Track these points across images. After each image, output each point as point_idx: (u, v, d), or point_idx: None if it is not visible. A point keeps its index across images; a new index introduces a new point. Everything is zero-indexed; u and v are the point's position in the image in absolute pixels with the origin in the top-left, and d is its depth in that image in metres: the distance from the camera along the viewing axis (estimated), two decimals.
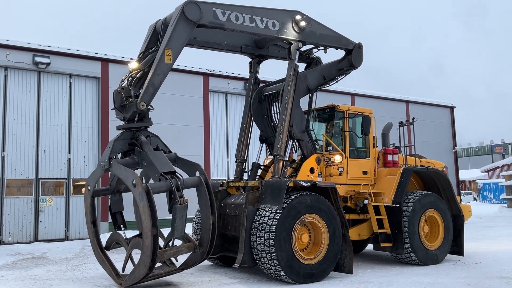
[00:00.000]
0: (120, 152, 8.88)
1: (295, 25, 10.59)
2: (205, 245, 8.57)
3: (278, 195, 9.18)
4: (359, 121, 11.88)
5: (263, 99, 11.89)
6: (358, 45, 11.86)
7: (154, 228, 7.63)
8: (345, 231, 9.97)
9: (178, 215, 7.89)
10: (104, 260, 8.85)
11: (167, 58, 8.76)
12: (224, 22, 9.61)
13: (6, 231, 17.13)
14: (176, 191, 7.89)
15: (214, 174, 21.95)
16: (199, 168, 8.71)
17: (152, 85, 8.64)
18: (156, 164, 8.16)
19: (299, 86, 11.00)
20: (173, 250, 8.44)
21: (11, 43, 17.74)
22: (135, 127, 8.87)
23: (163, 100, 20.41)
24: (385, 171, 12.10)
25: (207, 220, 8.49)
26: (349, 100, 26.50)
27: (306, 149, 11.02)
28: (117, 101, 8.89)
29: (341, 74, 12.05)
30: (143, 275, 7.92)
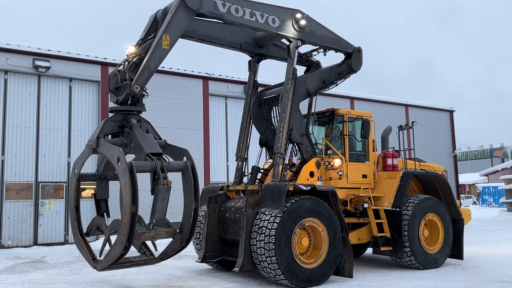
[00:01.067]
0: (109, 134, 8.75)
1: (295, 23, 10.60)
2: (185, 231, 8.38)
3: (278, 199, 9.18)
4: (359, 125, 11.90)
5: (262, 103, 11.89)
6: (357, 49, 11.88)
7: (134, 205, 7.44)
8: (345, 235, 9.97)
9: (160, 196, 7.74)
10: (83, 244, 8.62)
11: (164, 44, 8.73)
12: (224, 13, 9.61)
13: (6, 235, 17.10)
14: (160, 172, 7.75)
15: (213, 178, 21.94)
16: (187, 154, 8.58)
17: (148, 69, 8.57)
18: (143, 145, 8.04)
19: (299, 90, 11.01)
20: (152, 233, 8.30)
21: (11, 47, 17.76)
22: (127, 110, 8.77)
23: (163, 104, 20.51)
24: (384, 174, 12.11)
25: (189, 205, 8.34)
26: (348, 103, 26.53)
27: (306, 153, 11.03)
28: (112, 83, 8.80)
29: (341, 78, 12.07)
30: (119, 254, 7.64)
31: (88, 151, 8.51)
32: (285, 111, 10.40)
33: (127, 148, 8.47)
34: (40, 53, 18.24)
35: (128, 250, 7.69)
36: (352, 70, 11.89)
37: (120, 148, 7.78)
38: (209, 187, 11.87)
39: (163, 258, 8.68)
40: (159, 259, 8.63)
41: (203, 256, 10.52)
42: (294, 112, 10.73)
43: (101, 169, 8.98)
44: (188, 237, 8.42)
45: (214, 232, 10.64)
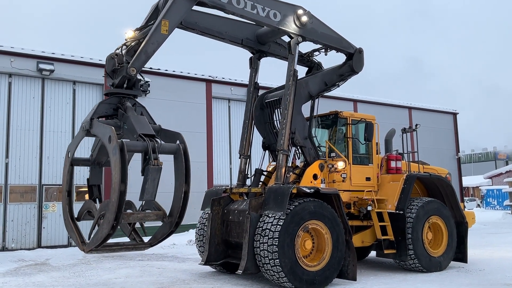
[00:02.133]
0: (104, 116, 8.64)
1: (296, 20, 10.56)
2: (175, 214, 8.27)
3: (282, 201, 9.18)
4: (362, 127, 11.89)
5: (264, 106, 11.88)
6: (358, 49, 11.85)
7: (123, 184, 7.32)
8: (349, 237, 9.95)
9: (150, 177, 7.63)
10: (73, 228, 8.53)
11: (163, 29, 8.70)
12: (225, 3, 9.57)
13: (10, 237, 17.15)
14: (151, 153, 7.64)
15: (217, 181, 21.96)
16: (180, 137, 8.50)
17: (145, 53, 8.51)
18: (136, 126, 7.97)
19: (301, 92, 10.99)
20: (141, 214, 8.14)
21: (15, 50, 17.86)
22: (123, 93, 8.67)
23: (167, 106, 20.56)
24: (388, 177, 12.09)
25: (179, 188, 8.24)
26: (351, 106, 26.54)
27: (309, 156, 11.02)
28: (109, 66, 8.71)
29: (342, 80, 12.06)
30: (106, 234, 7.49)
31: (82, 133, 8.40)
32: (287, 108, 10.34)
33: (120, 130, 8.39)
34: (44, 56, 18.32)
35: (115, 230, 7.56)
36: (353, 71, 11.86)
37: (112, 127, 7.67)
38: (212, 190, 11.88)
39: (153, 244, 8.57)
40: (149, 245, 8.52)
41: (206, 259, 10.52)
42: (296, 115, 10.72)
43: (95, 154, 8.89)
44: (177, 220, 8.30)
45: (218, 234, 10.64)
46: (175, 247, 17.54)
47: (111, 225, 7.38)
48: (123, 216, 7.53)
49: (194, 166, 22.75)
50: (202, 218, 11.49)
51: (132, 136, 8.03)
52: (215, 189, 11.82)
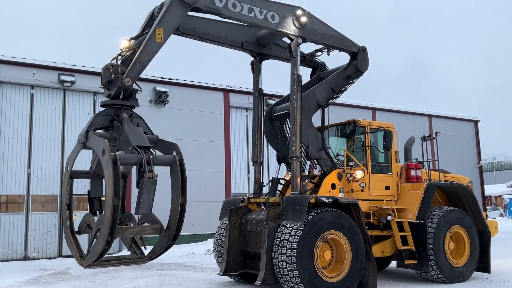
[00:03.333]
0: (100, 128, 8.56)
1: (295, 21, 10.34)
2: (172, 227, 8.07)
3: (299, 211, 9.12)
4: (381, 136, 11.77)
5: (274, 119, 11.73)
6: (362, 48, 11.55)
7: (116, 198, 7.23)
8: (368, 248, 9.83)
9: (145, 190, 7.48)
10: (72, 242, 8.46)
11: (157, 37, 8.54)
12: (221, 8, 9.41)
13: (31, 247, 17.41)
14: (146, 165, 7.49)
15: (235, 190, 21.98)
16: (176, 148, 8.30)
17: (140, 62, 8.37)
18: (131, 138, 7.83)
19: (309, 104, 10.84)
20: (137, 228, 8.04)
21: (37, 63, 18.26)
22: (119, 104, 8.53)
23: (185, 116, 20.73)
24: (408, 186, 11.93)
25: (176, 201, 8.06)
26: (370, 114, 26.35)
27: (325, 166, 10.92)
28: (104, 77, 8.59)
29: (349, 83, 11.77)
30: (101, 249, 7.42)
31: (79, 145, 8.33)
32: (295, 113, 10.21)
33: (116, 142, 8.28)
34: (65, 68, 18.69)
35: (111, 245, 7.46)
36: (359, 71, 11.55)
37: (106, 140, 7.57)
38: (230, 200, 11.88)
39: (152, 257, 8.39)
40: (148, 258, 8.37)
41: (224, 269, 10.49)
42: (307, 127, 10.57)
43: (94, 166, 8.77)
44: (174, 234, 8.10)
45: (236, 244, 10.61)
46: (193, 256, 17.56)
47: (106, 241, 7.29)
48: (118, 231, 7.42)
49: (212, 176, 23.06)
50: (220, 228, 11.47)
51: (127, 148, 7.91)
52: (232, 198, 11.81)
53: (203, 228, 20.22)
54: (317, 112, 11.43)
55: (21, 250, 17.30)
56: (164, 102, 20.31)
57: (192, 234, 20.01)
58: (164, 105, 20.38)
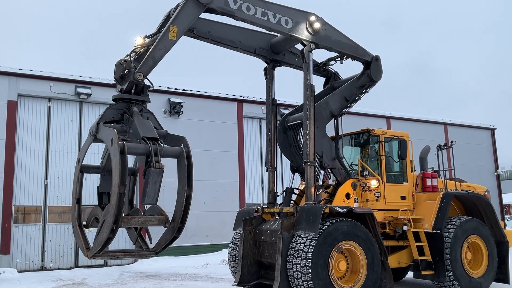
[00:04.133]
0: (111, 121, 8.60)
1: (309, 26, 10.37)
2: (177, 219, 8.03)
3: (314, 221, 9.08)
4: (395, 145, 11.71)
5: (287, 129, 11.71)
6: (375, 57, 11.51)
7: (122, 186, 7.25)
8: (384, 258, 9.73)
9: (151, 180, 7.51)
10: (79, 234, 8.49)
11: (171, 35, 8.67)
12: (235, 10, 9.43)
13: (48, 257, 17.59)
14: (153, 155, 7.53)
15: (249, 200, 21.97)
16: (184, 141, 8.32)
17: (152, 58, 8.48)
18: (139, 129, 7.89)
19: (322, 114, 10.83)
20: (142, 218, 8.04)
21: (54, 75, 18.59)
22: (131, 99, 8.62)
23: (199, 127, 20.86)
24: (424, 196, 11.82)
25: (182, 192, 8.05)
26: (384, 123, 26.21)
27: (339, 176, 10.88)
28: (117, 72, 8.67)
29: (363, 92, 11.69)
30: (106, 238, 7.39)
31: (89, 138, 8.46)
32: (308, 118, 10.18)
33: (126, 134, 8.33)
34: (81, 81, 18.99)
35: (115, 233, 7.45)
36: (372, 81, 11.49)
37: (115, 130, 7.66)
38: (244, 210, 11.88)
39: (157, 251, 8.35)
40: (153, 252, 8.35)
41: (239, 280, 10.46)
42: (321, 137, 10.55)
43: (105, 161, 8.82)
44: (179, 226, 8.05)
45: (250, 255, 10.59)
46: (208, 266, 17.56)
47: (111, 229, 7.27)
48: (123, 220, 7.42)
49: (226, 186, 23.02)
50: (234, 238, 11.48)
51: (136, 139, 7.96)
52: (247, 208, 11.81)
53: (218, 238, 20.23)
54: (331, 122, 11.42)
55: (38, 261, 17.49)
56: (178, 113, 20.48)
57: (206, 245, 20.04)
58: (178, 116, 20.55)
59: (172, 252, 19.16)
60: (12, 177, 17.32)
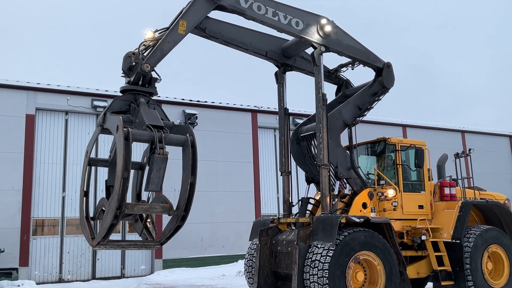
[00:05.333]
0: (118, 111, 8.59)
1: (320, 29, 10.34)
2: (181, 207, 7.96)
3: (330, 231, 9.00)
4: (412, 153, 11.58)
5: (300, 139, 11.62)
6: (387, 64, 11.37)
7: (126, 171, 7.22)
8: (403, 269, 9.59)
9: (155, 166, 7.47)
10: (86, 226, 8.44)
11: (180, 29, 8.76)
12: (246, 9, 9.48)
13: (66, 269, 17.72)
14: (158, 142, 7.52)
15: (264, 210, 21.90)
16: (190, 130, 8.33)
17: (160, 50, 8.56)
18: (145, 118, 7.92)
19: (335, 124, 10.70)
20: (146, 205, 8.02)
21: (71, 89, 18.89)
22: (138, 90, 8.65)
23: (213, 137, 20.94)
24: (442, 205, 11.64)
25: (186, 180, 7.99)
26: (401, 131, 25.99)
27: (355, 185, 10.76)
28: (125, 64, 8.70)
29: (376, 100, 11.54)
30: (109, 223, 7.34)
31: (97, 129, 8.49)
32: (321, 121, 10.09)
33: (132, 124, 8.34)
34: (98, 94, 19.24)
35: (119, 220, 7.40)
36: (384, 88, 11.33)
37: (121, 117, 7.68)
38: (260, 220, 11.83)
39: (162, 241, 8.24)
40: (158, 242, 8.24)
41: None
42: (335, 147, 10.44)
43: (113, 154, 8.75)
44: (183, 214, 7.99)
45: (266, 265, 10.53)
46: (224, 278, 17.50)
47: (114, 214, 7.20)
48: (127, 206, 7.37)
49: (242, 196, 22.98)
50: (250, 249, 11.42)
51: (142, 128, 7.96)
52: (262, 219, 11.77)
53: (234, 249, 20.16)
54: (345, 131, 11.35)
55: (56, 273, 17.63)
56: (193, 124, 20.59)
57: (222, 256, 19.99)
58: (194, 127, 20.65)
59: (189, 263, 19.18)
60: (30, 190, 17.57)
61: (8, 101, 17.72)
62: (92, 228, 8.45)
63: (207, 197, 20.12)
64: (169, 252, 18.78)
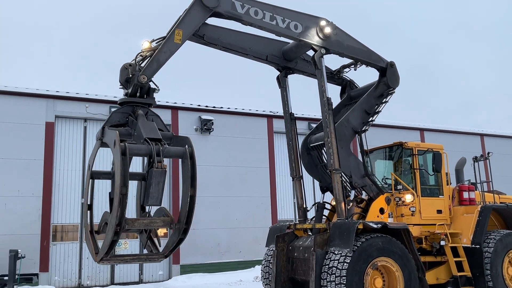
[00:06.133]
0: (117, 125, 8.53)
1: (319, 31, 10.17)
2: (182, 220, 7.86)
3: (347, 237, 8.95)
4: (430, 157, 11.49)
5: (310, 149, 11.49)
6: (390, 63, 11.11)
7: (124, 187, 7.22)
8: (421, 275, 9.49)
9: (154, 180, 7.41)
10: (90, 240, 8.39)
11: (176, 38, 8.67)
12: (242, 14, 9.35)
13: (85, 275, 17.92)
14: (155, 156, 7.42)
15: (281, 215, 21.86)
16: (188, 141, 8.17)
17: (157, 61, 8.47)
18: (143, 131, 7.82)
19: (345, 132, 10.54)
20: (147, 220, 7.95)
21: (90, 97, 19.17)
22: (136, 102, 8.55)
23: (230, 143, 21.01)
24: (461, 209, 11.50)
25: (186, 192, 7.91)
26: (418, 135, 25.73)
27: (371, 192, 10.65)
28: (122, 76, 8.64)
29: (382, 102, 11.24)
30: (110, 240, 7.33)
31: (97, 143, 8.44)
32: (328, 125, 9.95)
33: (131, 137, 8.25)
34: (116, 101, 19.38)
35: (119, 236, 7.37)
36: (390, 88, 11.08)
37: (117, 131, 7.63)
38: (276, 226, 11.83)
39: (166, 254, 8.17)
40: (163, 255, 8.16)
41: None
42: (347, 156, 10.30)
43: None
44: (185, 227, 7.83)
45: (283, 272, 10.50)
46: (241, 283, 17.49)
47: (114, 231, 7.20)
48: (127, 222, 7.34)
49: (258, 202, 22.91)
50: (267, 255, 11.41)
51: (140, 141, 7.90)
52: (279, 225, 11.75)
53: (250, 255, 20.15)
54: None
55: (76, 278, 17.84)
56: (209, 130, 20.70)
57: (239, 261, 19.99)
58: (209, 133, 20.76)
59: (206, 268, 19.22)
60: (50, 196, 17.82)
61: (28, 109, 18.04)
62: (96, 242, 8.38)
63: (223, 202, 20.18)
64: (186, 258, 18.87)
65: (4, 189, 17.03)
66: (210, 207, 19.80)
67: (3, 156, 17.24)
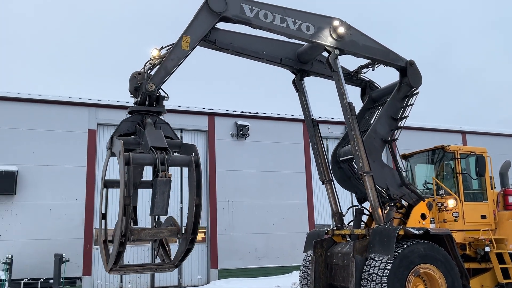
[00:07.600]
0: (126, 134, 8.47)
1: (333, 32, 9.85)
2: (189, 230, 7.73)
3: (388, 243, 8.79)
4: (473, 161, 11.15)
5: (340, 162, 11.34)
6: (409, 62, 10.68)
7: (128, 198, 7.18)
8: (466, 282, 9.22)
9: (158, 190, 7.29)
10: (103, 250, 8.36)
11: (184, 45, 8.55)
12: (251, 18, 9.14)
13: (126, 278, 18.31)
14: (160, 165, 7.30)
15: (318, 221, 21.70)
16: (195, 149, 8.02)
17: (165, 69, 8.39)
18: (149, 140, 7.71)
19: (374, 144, 10.26)
20: (153, 230, 7.89)
21: (130, 104, 19.53)
22: (145, 111, 8.46)
23: (266, 148, 21.06)
24: (507, 214, 11.11)
25: (192, 202, 7.79)
26: (460, 138, 25.03)
27: (411, 200, 10.41)
28: (131, 84, 8.61)
29: (408, 104, 10.78)
30: (116, 251, 7.28)
31: (108, 153, 8.43)
32: (353, 128, 9.69)
33: (139, 146, 8.19)
34: None
35: (125, 247, 7.35)
36: (413, 88, 10.65)
37: (122, 141, 7.59)
38: (314, 231, 11.75)
39: (176, 263, 8.07)
40: (173, 265, 8.08)
41: None
42: (380, 168, 10.07)
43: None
44: (191, 237, 7.71)
45: (322, 278, 10.41)
46: None
47: (119, 242, 7.12)
48: (133, 232, 7.31)
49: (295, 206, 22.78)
50: (305, 261, 11.34)
51: (146, 150, 7.83)
52: (316, 230, 11.67)
53: (288, 260, 20.07)
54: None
55: (117, 282, 18.25)
56: (245, 135, 20.82)
57: (277, 266, 19.94)
58: (246, 138, 20.87)
59: (243, 273, 19.28)
60: (92, 202, 18.34)
61: (72, 117, 18.67)
62: (109, 252, 8.29)
63: (260, 207, 20.22)
64: (224, 262, 19.00)
65: (49, 195, 17.65)
66: (247, 212, 19.88)
67: (48, 163, 17.88)
